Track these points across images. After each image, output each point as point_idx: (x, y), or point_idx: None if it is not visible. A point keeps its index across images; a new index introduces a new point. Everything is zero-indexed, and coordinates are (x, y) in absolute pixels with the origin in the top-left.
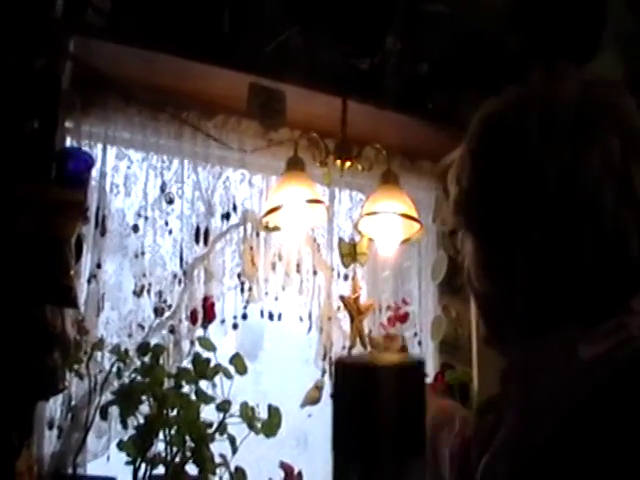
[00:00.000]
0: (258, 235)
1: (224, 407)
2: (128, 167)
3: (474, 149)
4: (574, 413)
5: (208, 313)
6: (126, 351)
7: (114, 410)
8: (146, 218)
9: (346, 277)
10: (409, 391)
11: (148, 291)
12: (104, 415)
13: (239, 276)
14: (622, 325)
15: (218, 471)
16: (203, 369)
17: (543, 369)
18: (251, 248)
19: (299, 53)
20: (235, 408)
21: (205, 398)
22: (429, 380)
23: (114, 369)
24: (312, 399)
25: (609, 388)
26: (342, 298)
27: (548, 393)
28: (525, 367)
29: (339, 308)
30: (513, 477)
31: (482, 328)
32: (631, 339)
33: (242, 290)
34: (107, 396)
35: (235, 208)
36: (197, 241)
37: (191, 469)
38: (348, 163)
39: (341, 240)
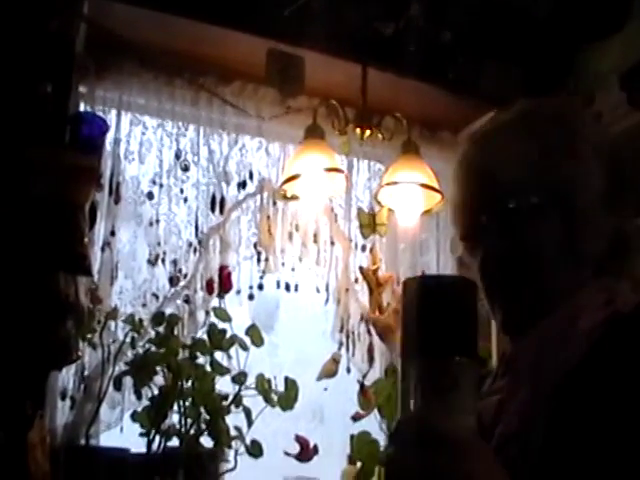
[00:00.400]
0: (275, 204)
1: (240, 379)
2: (143, 133)
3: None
4: (573, 373)
5: (224, 283)
6: (140, 321)
7: (128, 381)
8: (161, 185)
9: (364, 248)
10: (466, 302)
11: (163, 260)
12: (118, 386)
13: (255, 246)
14: (610, 301)
15: (233, 444)
16: (218, 340)
17: (550, 343)
18: (268, 217)
19: (319, 17)
20: (251, 380)
21: (220, 369)
22: None
23: (128, 339)
24: (329, 372)
25: (602, 347)
26: (361, 269)
27: (552, 362)
28: (534, 345)
29: (357, 280)
30: (526, 443)
31: (499, 317)
32: (617, 313)
33: (258, 260)
34: (121, 366)
35: (252, 176)
36: (213, 210)
37: (206, 441)
38: (368, 132)
39: (360, 210)
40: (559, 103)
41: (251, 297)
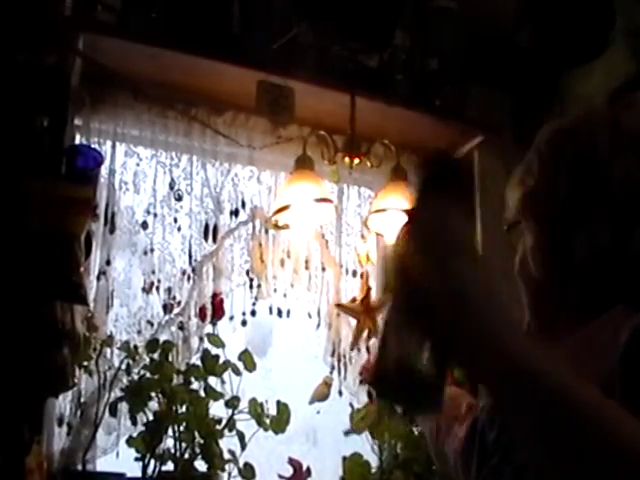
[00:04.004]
0: (267, 232)
1: (233, 403)
2: (137, 164)
3: (543, 153)
4: (611, 385)
5: (217, 310)
6: (135, 347)
7: (123, 406)
8: (155, 215)
9: (354, 273)
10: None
11: (157, 288)
12: (113, 411)
13: (248, 273)
14: None
15: (227, 467)
16: (212, 365)
17: (591, 356)
18: (260, 245)
19: (307, 50)
20: (244, 404)
21: (214, 394)
22: None
23: (123, 366)
24: (321, 395)
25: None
26: (337, 306)
27: (588, 373)
28: (575, 356)
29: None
30: None
31: (530, 319)
32: None
33: (251, 287)
34: (116, 392)
35: (244, 205)
36: (206, 238)
37: (200, 465)
38: (357, 160)
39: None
40: None
41: (244, 323)
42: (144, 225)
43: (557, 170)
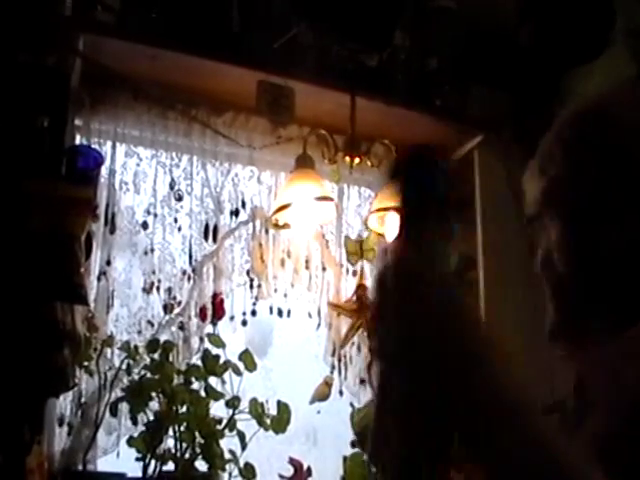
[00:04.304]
0: (267, 232)
1: (233, 403)
2: (137, 164)
3: (567, 138)
4: None
5: (217, 310)
6: (136, 348)
7: (124, 407)
8: (155, 215)
9: (355, 273)
10: None
11: (157, 288)
12: (114, 412)
13: (248, 273)
14: None
15: (227, 467)
16: (212, 365)
17: (629, 363)
18: (260, 245)
19: (307, 50)
20: (244, 404)
21: (215, 394)
22: None
23: (124, 366)
24: (321, 395)
25: None
26: (329, 305)
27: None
28: (611, 363)
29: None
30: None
31: (555, 321)
32: None
33: (251, 287)
34: (117, 393)
35: (244, 205)
36: (206, 238)
37: (201, 465)
38: (357, 160)
39: (347, 238)
40: None
41: (244, 323)
42: (144, 225)
43: (583, 157)
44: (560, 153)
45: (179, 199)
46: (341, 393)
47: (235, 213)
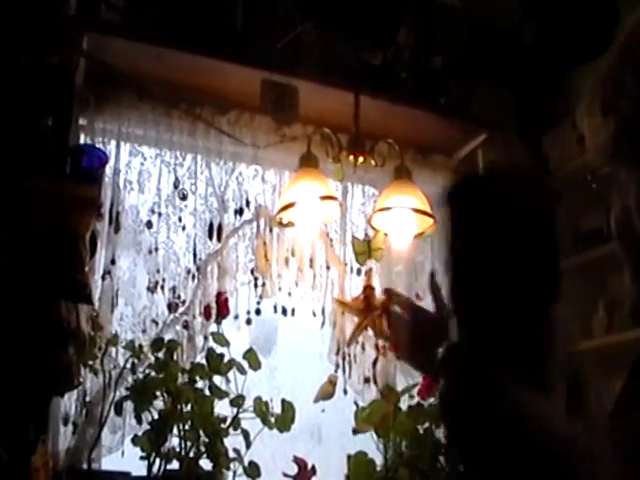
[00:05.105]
0: (271, 230)
1: (238, 402)
2: (142, 163)
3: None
4: None
5: (221, 308)
6: (140, 347)
7: (128, 405)
8: (159, 214)
9: (359, 272)
10: None
11: (162, 287)
12: (118, 410)
13: (252, 271)
14: None
15: (232, 466)
16: (217, 364)
17: None
18: (264, 243)
19: (311, 49)
20: (249, 403)
21: (219, 393)
22: None
23: (128, 365)
24: (326, 394)
25: None
26: (338, 302)
27: None
28: None
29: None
30: None
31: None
32: None
33: (255, 285)
34: (121, 392)
35: (248, 204)
36: (210, 237)
37: (205, 464)
38: (361, 158)
39: (354, 238)
40: None
41: (249, 322)
42: (149, 224)
43: None
44: (632, 79)
45: (183, 198)
46: (345, 392)
47: (239, 212)
